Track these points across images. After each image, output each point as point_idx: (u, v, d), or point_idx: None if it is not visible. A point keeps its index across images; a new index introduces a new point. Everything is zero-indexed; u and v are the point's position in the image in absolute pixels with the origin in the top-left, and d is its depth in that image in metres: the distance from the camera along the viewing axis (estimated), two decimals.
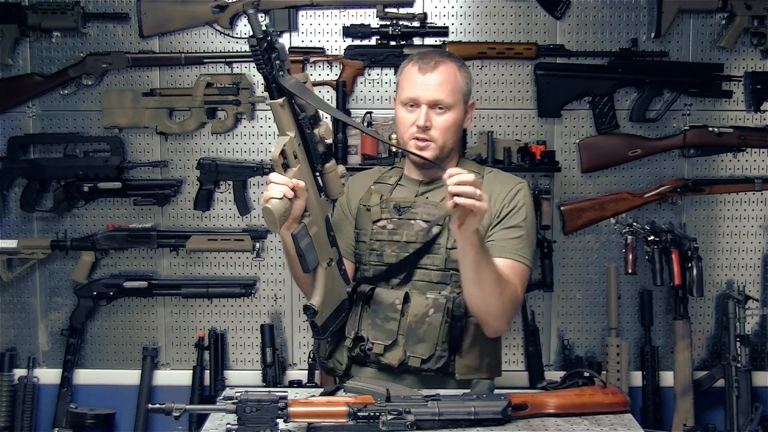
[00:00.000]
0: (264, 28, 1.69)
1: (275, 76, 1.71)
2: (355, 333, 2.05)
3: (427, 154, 2.04)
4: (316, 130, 1.79)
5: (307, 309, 1.81)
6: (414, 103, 2.04)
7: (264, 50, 1.69)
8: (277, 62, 1.71)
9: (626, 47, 3.10)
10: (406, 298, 2.02)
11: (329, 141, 1.79)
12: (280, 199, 1.72)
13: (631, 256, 3.08)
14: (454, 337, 2.02)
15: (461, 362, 2.04)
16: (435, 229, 2.03)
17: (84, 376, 3.20)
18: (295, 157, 1.75)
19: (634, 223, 3.11)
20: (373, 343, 2.02)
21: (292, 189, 1.74)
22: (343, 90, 3.06)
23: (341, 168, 1.86)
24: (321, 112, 1.76)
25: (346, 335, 2.08)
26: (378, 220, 2.09)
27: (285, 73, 1.73)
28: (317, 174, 1.84)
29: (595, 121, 3.13)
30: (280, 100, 1.74)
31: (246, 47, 3.08)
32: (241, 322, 3.20)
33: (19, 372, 3.19)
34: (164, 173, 3.17)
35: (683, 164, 3.17)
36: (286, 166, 1.75)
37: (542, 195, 3.06)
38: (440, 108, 2.03)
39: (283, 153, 1.74)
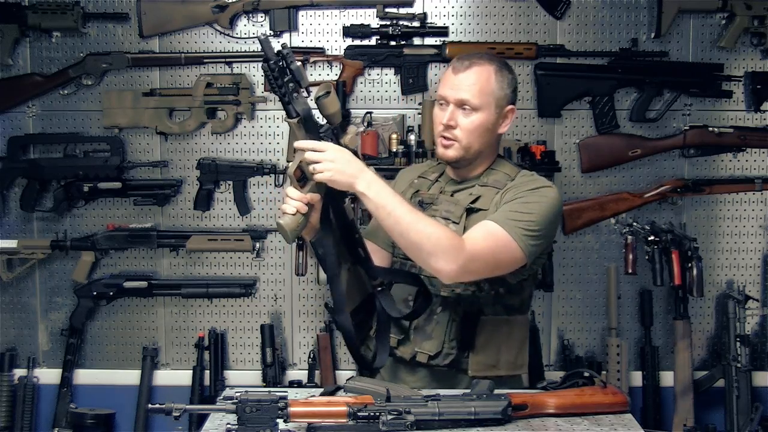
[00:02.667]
0: (278, 49, 1.73)
1: (290, 99, 1.75)
2: (374, 327, 2.08)
3: (451, 153, 2.04)
4: (342, 140, 1.81)
5: (327, 307, 1.84)
6: (444, 101, 2.05)
7: (278, 73, 1.73)
8: (291, 84, 1.75)
9: (626, 47, 3.10)
10: (417, 295, 2.03)
11: (354, 147, 1.81)
12: (294, 214, 1.77)
13: (631, 256, 3.08)
14: (466, 334, 2.01)
15: (475, 359, 2.03)
16: (451, 226, 2.01)
17: (84, 376, 3.20)
18: (313, 171, 1.78)
19: (634, 223, 3.11)
20: (389, 336, 2.04)
21: (307, 203, 1.78)
22: (343, 90, 3.06)
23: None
24: (352, 119, 1.79)
25: (370, 326, 2.09)
26: None
27: (299, 95, 1.77)
28: None
29: (595, 121, 3.13)
30: (295, 120, 1.78)
31: (246, 47, 3.12)
32: (241, 322, 3.20)
33: (19, 372, 3.19)
34: (164, 173, 3.17)
35: (683, 164, 3.17)
36: (305, 180, 1.79)
37: None
38: (467, 108, 2.02)
39: (300, 168, 1.78)
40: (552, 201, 2.01)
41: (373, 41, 3.10)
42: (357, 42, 3.10)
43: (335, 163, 1.78)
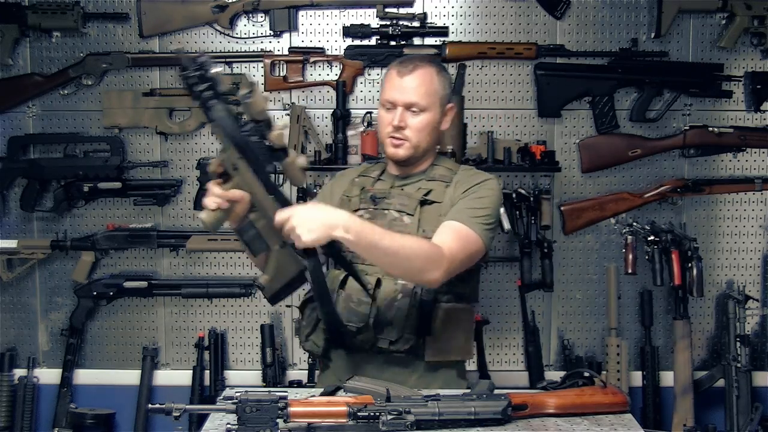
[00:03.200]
0: (197, 62, 1.80)
1: (208, 106, 1.82)
2: None
3: (402, 152, 2.14)
4: (269, 136, 1.85)
5: (256, 283, 1.94)
6: (391, 105, 2.14)
7: (195, 80, 1.80)
8: (209, 93, 1.82)
9: (626, 47, 3.10)
10: (378, 283, 2.09)
11: (281, 144, 1.86)
12: (214, 210, 1.87)
13: (631, 256, 3.08)
14: (423, 321, 2.08)
15: (431, 345, 2.10)
16: (405, 218, 2.11)
17: (84, 376, 3.20)
18: (235, 168, 1.85)
19: (634, 223, 3.11)
20: (346, 325, 2.07)
21: (229, 200, 1.86)
22: (343, 90, 3.06)
23: (301, 159, 1.92)
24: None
25: (320, 318, 2.13)
26: (356, 210, 2.17)
27: (219, 101, 1.84)
28: (274, 172, 1.98)
29: (595, 121, 3.13)
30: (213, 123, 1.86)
31: (246, 47, 3.12)
32: (241, 322, 3.20)
33: (19, 372, 3.19)
34: (164, 173, 3.17)
35: (683, 164, 3.17)
36: (227, 177, 1.87)
37: (542, 195, 3.06)
38: (415, 110, 2.11)
39: (222, 164, 1.87)
40: (497, 192, 2.16)
41: (373, 41, 3.10)
42: (357, 42, 3.10)
43: (305, 225, 1.79)
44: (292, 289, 1.93)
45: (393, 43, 3.08)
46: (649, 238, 3.06)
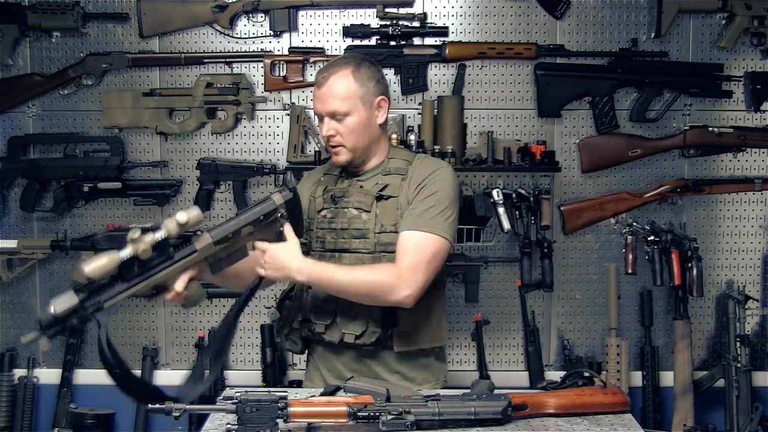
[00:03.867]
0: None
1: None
2: (303, 316, 2.19)
3: (342, 158, 2.18)
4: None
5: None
6: (319, 116, 2.17)
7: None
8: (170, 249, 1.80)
9: (626, 47, 3.10)
10: None
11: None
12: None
13: (631, 256, 3.08)
14: (387, 313, 2.12)
15: (398, 336, 2.14)
16: (363, 215, 2.15)
17: (84, 376, 3.20)
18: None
19: (634, 223, 3.11)
20: (315, 323, 2.15)
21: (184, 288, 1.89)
22: None
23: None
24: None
25: (291, 318, 2.22)
26: (320, 210, 2.22)
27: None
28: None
29: (595, 121, 3.13)
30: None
31: (246, 47, 3.12)
32: (241, 322, 3.20)
33: (19, 372, 3.19)
34: (164, 173, 3.17)
35: (683, 164, 3.17)
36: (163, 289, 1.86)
37: (542, 195, 3.06)
38: (339, 117, 2.14)
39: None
40: (452, 179, 2.18)
41: (373, 41, 3.10)
42: (357, 42, 3.10)
43: (272, 265, 1.97)
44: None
45: (393, 43, 3.08)
46: (649, 238, 3.06)
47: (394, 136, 3.03)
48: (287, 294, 2.26)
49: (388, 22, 3.07)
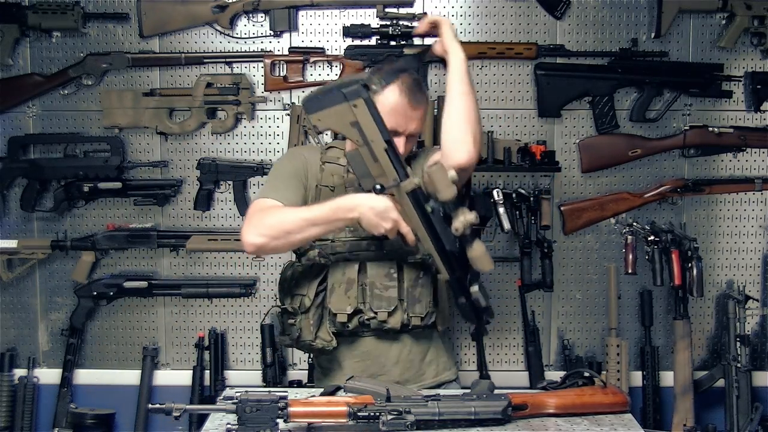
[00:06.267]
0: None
1: None
2: (353, 308, 2.16)
3: None
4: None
5: None
6: (395, 132, 2.10)
7: None
8: None
9: (626, 47, 3.10)
10: (400, 267, 2.17)
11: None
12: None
13: (631, 256, 3.08)
14: (435, 293, 2.21)
15: (440, 314, 2.24)
16: None
17: (84, 376, 3.20)
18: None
19: (634, 223, 3.11)
20: (376, 312, 2.15)
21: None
22: None
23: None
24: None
25: (334, 312, 2.17)
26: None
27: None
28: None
29: (595, 121, 3.13)
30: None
31: (246, 47, 3.12)
32: (241, 322, 3.20)
33: (19, 372, 3.19)
34: (164, 173, 3.17)
35: (683, 164, 3.17)
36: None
37: (542, 195, 3.06)
38: (413, 137, 2.20)
39: None
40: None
41: (373, 41, 3.10)
42: (357, 42, 3.10)
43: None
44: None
45: (393, 43, 3.08)
46: (649, 238, 3.06)
47: None
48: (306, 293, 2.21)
49: (388, 22, 3.07)
